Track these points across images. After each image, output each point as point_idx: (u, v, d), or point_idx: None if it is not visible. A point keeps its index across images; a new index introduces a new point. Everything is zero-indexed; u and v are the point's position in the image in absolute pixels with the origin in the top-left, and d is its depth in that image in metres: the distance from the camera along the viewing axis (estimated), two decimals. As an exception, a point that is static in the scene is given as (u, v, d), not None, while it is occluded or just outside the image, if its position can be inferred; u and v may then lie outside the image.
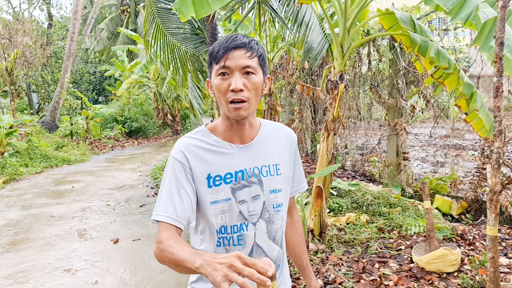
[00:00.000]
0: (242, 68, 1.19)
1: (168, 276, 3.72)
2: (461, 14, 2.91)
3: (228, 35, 1.23)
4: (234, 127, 1.29)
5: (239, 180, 1.28)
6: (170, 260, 1.10)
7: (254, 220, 1.30)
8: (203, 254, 1.00)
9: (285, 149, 1.41)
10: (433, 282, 3.25)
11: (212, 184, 1.26)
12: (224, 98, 1.21)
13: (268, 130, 1.39)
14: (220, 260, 0.94)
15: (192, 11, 3.32)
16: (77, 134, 13.53)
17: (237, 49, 1.18)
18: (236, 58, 1.18)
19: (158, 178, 7.92)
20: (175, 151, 1.28)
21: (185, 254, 1.05)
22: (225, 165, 1.28)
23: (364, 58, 6.48)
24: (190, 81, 6.62)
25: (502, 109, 2.35)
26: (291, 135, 1.44)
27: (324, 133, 4.02)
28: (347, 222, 4.57)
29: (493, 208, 2.38)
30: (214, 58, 1.21)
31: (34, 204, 6.24)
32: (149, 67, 11.91)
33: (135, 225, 5.21)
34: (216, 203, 1.26)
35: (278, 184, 1.34)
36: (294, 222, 1.57)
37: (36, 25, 18.58)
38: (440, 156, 8.22)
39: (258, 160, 1.32)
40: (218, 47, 1.20)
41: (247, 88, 1.20)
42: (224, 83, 1.20)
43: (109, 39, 21.59)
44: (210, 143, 1.30)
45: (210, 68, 1.25)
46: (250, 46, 1.21)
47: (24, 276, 3.73)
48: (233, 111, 1.20)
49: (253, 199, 1.29)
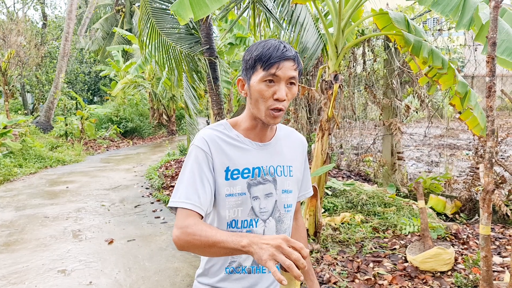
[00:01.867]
0: (288, 79, 1.23)
1: (162, 277, 3.71)
2: (464, 20, 2.93)
3: (273, 42, 1.24)
4: (258, 128, 1.33)
5: (256, 176, 1.31)
6: (202, 243, 1.10)
7: (264, 217, 1.33)
8: (247, 235, 1.03)
9: (298, 153, 1.46)
10: (427, 281, 3.26)
11: (230, 177, 1.29)
12: (264, 104, 1.24)
13: (283, 133, 1.44)
14: (267, 241, 0.97)
15: (190, 13, 3.31)
16: (72, 135, 13.47)
17: (288, 60, 1.22)
18: (286, 69, 1.22)
19: (153, 178, 7.90)
20: (198, 141, 1.30)
21: (223, 235, 1.07)
22: (244, 160, 1.31)
23: (359, 58, 6.49)
24: (185, 81, 6.60)
25: (494, 109, 2.36)
26: (303, 141, 1.49)
27: (319, 133, 4.02)
28: (342, 221, 4.58)
29: (486, 207, 2.39)
30: (263, 64, 1.22)
31: (28, 205, 6.20)
32: (144, 67, 11.87)
33: (129, 226, 5.20)
34: (231, 196, 1.29)
35: (290, 185, 1.39)
36: (299, 225, 1.61)
37: (30, 25, 18.47)
38: (435, 156, 8.26)
39: (274, 160, 1.36)
40: (269, 54, 1.21)
41: (287, 97, 1.25)
42: (269, 90, 1.23)
43: (104, 39, 21.50)
44: (231, 137, 1.33)
45: (251, 71, 1.26)
46: (297, 59, 1.26)
47: (18, 277, 3.70)
48: (272, 118, 1.25)
49: (266, 197, 1.33)
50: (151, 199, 6.60)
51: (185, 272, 3.80)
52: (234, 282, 1.33)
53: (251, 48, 1.28)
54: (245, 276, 1.33)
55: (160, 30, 5.35)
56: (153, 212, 5.81)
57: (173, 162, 9.60)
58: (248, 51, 1.29)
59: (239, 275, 1.33)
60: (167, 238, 4.73)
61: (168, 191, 6.92)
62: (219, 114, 6.25)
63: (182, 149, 10.97)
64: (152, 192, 7.03)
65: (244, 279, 1.33)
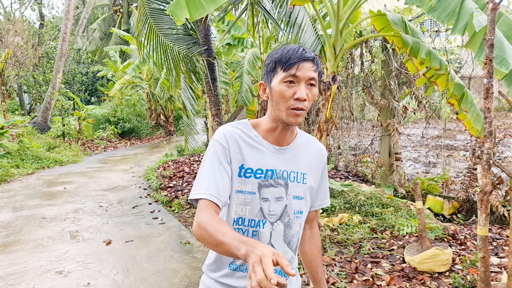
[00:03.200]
0: (308, 80, 1.25)
1: (161, 278, 3.71)
2: (459, 25, 2.95)
3: (293, 46, 1.28)
4: (278, 130, 1.35)
5: (268, 178, 1.33)
6: (210, 240, 1.11)
7: (272, 220, 1.35)
8: (247, 241, 1.01)
9: (315, 162, 1.46)
10: (425, 281, 3.27)
11: (243, 175, 1.32)
12: (285, 104, 1.26)
13: (303, 140, 1.45)
14: (256, 251, 0.94)
15: (186, 13, 3.32)
16: (69, 135, 13.44)
17: (307, 61, 1.25)
18: (306, 70, 1.25)
19: (151, 179, 7.89)
20: (217, 135, 1.33)
21: (229, 238, 1.06)
22: (259, 160, 1.33)
23: (357, 59, 6.51)
24: (183, 82, 6.60)
25: (492, 110, 2.38)
26: (322, 150, 1.50)
27: (317, 134, 4.03)
28: (340, 222, 4.59)
29: (484, 208, 2.40)
30: (282, 65, 1.26)
31: (26, 206, 6.19)
32: (142, 67, 11.87)
33: (127, 227, 5.19)
34: (241, 192, 1.32)
35: (302, 192, 1.40)
36: (314, 234, 1.60)
37: (28, 25, 18.42)
38: (432, 157, 8.29)
39: (288, 165, 1.37)
40: (289, 56, 1.25)
41: (308, 98, 1.26)
42: (289, 90, 1.25)
43: (101, 39, 21.46)
44: (250, 136, 1.35)
45: (272, 73, 1.29)
46: (317, 61, 1.28)
47: (16, 278, 3.69)
48: (294, 117, 1.27)
49: (276, 200, 1.34)
50: (149, 200, 6.59)
51: (184, 273, 3.79)
52: (237, 280, 1.34)
53: (271, 53, 1.32)
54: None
55: (158, 31, 5.35)
56: (151, 213, 5.80)
57: (171, 163, 9.59)
58: (269, 56, 1.32)
59: (242, 274, 1.34)
60: (165, 239, 4.73)
61: (166, 191, 6.91)
62: (217, 115, 6.25)
63: (180, 150, 10.96)
64: (150, 193, 7.02)
65: (247, 278, 1.33)
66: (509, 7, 11.47)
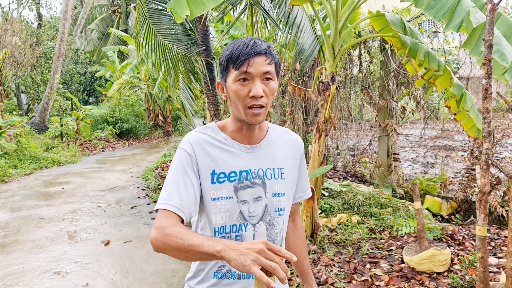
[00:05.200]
0: (262, 75, 1.19)
1: (159, 278, 3.70)
2: (454, 22, 2.95)
3: (244, 40, 1.21)
4: (244, 129, 1.30)
5: (243, 179, 1.28)
6: (178, 246, 1.07)
7: (254, 221, 1.30)
8: (222, 240, 1.01)
9: (291, 154, 1.41)
10: (423, 282, 3.28)
11: (216, 181, 1.26)
12: (242, 104, 1.21)
13: (276, 134, 1.40)
14: (248, 246, 0.96)
15: (186, 11, 3.30)
16: (67, 135, 13.40)
17: (258, 55, 1.18)
18: (258, 65, 1.18)
19: (149, 179, 7.88)
20: (183, 143, 1.28)
21: (199, 239, 1.04)
22: (231, 163, 1.28)
23: (355, 59, 6.52)
24: (181, 82, 6.59)
25: (491, 110, 2.38)
26: (297, 141, 1.44)
27: (316, 134, 4.03)
28: (338, 222, 4.59)
29: (482, 208, 2.40)
30: (233, 63, 1.20)
31: (24, 206, 6.17)
32: (140, 67, 11.83)
33: (126, 227, 5.18)
34: (217, 200, 1.26)
35: (282, 188, 1.35)
36: (297, 227, 1.57)
37: (25, 25, 18.38)
38: (430, 157, 8.30)
39: (263, 162, 1.32)
40: (238, 52, 1.18)
41: (266, 94, 1.21)
42: (244, 89, 1.19)
43: (99, 39, 21.40)
44: (218, 140, 1.30)
45: (225, 72, 1.24)
46: (270, 53, 1.21)
47: (13, 279, 3.68)
48: (252, 116, 1.21)
49: (255, 201, 1.30)
50: (147, 200, 6.58)
51: (182, 274, 3.79)
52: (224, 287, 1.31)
53: (224, 50, 1.25)
54: (235, 281, 1.30)
55: (157, 31, 5.34)
56: (150, 213, 5.79)
57: (169, 163, 9.58)
58: (222, 53, 1.26)
59: (229, 281, 1.30)
60: (163, 240, 4.72)
61: (164, 192, 6.90)
62: (215, 115, 6.25)
63: (178, 150, 10.93)
64: (149, 193, 7.01)
65: (234, 284, 1.30)
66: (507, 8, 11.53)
